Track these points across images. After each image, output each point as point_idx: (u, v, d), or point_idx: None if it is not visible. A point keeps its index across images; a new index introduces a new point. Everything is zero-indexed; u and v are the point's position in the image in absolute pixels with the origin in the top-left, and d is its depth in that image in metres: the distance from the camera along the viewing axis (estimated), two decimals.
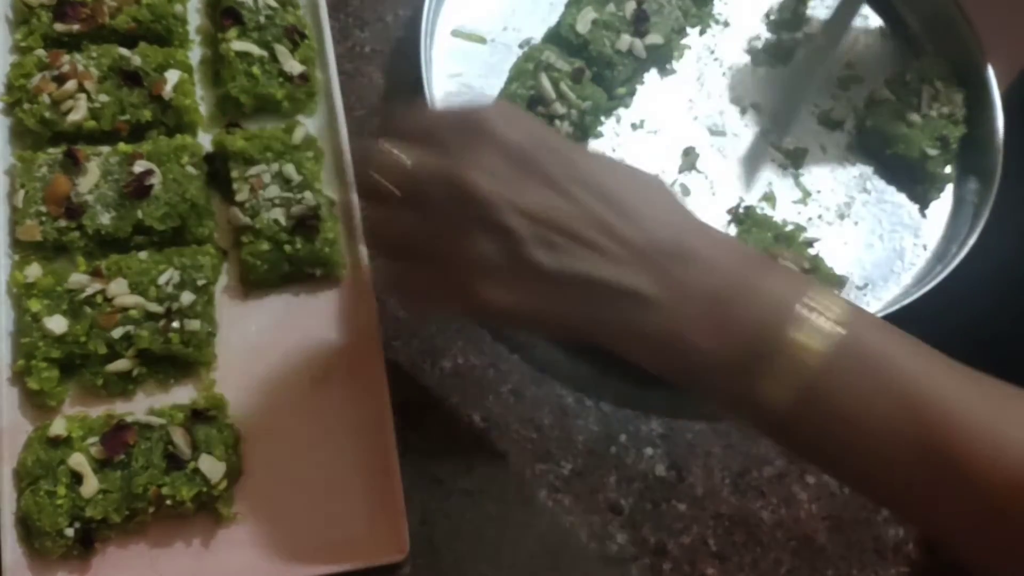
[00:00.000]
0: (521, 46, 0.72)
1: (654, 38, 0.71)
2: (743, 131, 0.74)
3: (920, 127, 0.72)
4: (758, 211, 0.70)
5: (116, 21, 0.64)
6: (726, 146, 0.73)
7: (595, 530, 0.58)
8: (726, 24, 0.78)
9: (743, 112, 0.74)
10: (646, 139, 0.72)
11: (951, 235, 0.72)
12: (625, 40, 0.70)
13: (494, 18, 0.73)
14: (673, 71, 0.75)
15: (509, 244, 0.44)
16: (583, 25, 0.69)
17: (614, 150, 0.71)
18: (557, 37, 0.71)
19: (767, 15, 0.79)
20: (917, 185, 0.73)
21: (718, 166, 0.72)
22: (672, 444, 0.61)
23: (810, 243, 0.69)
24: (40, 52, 0.62)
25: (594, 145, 0.70)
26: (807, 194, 0.72)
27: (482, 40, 0.72)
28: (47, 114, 0.60)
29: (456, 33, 0.72)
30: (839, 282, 0.68)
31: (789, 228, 0.69)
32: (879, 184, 0.74)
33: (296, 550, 0.54)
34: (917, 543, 0.61)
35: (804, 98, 0.76)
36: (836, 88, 0.77)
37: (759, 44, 0.77)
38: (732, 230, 0.69)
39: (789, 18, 0.78)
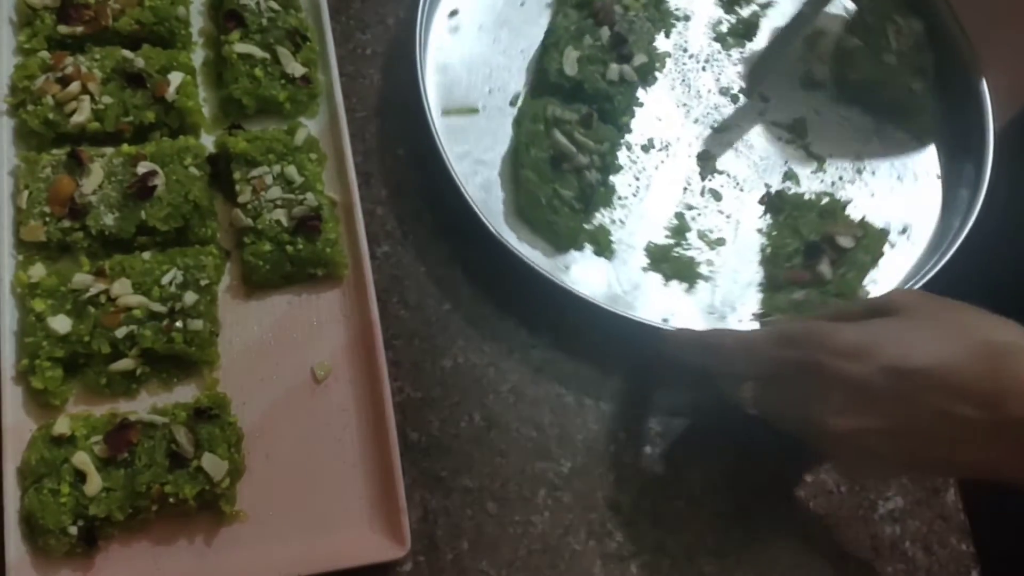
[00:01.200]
0: (512, 103, 0.72)
1: (640, 58, 0.72)
2: (743, 119, 0.75)
3: (897, 66, 0.74)
4: (788, 192, 0.72)
5: (119, 23, 0.64)
6: (733, 139, 0.74)
7: (594, 528, 0.59)
8: (687, 18, 0.78)
9: (734, 100, 0.75)
10: (661, 157, 0.73)
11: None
12: (614, 69, 0.70)
13: (477, 85, 0.73)
14: (655, 79, 0.75)
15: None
16: (570, 67, 0.69)
17: (637, 178, 0.71)
18: (549, 86, 0.70)
19: None
20: (911, 121, 0.76)
21: (735, 161, 0.73)
22: (671, 442, 0.62)
23: (843, 206, 0.71)
24: (44, 54, 0.63)
25: (617, 180, 0.70)
26: (821, 161, 0.74)
27: (474, 110, 0.71)
28: (51, 115, 0.60)
29: (447, 112, 0.71)
30: (883, 235, 0.70)
31: (825, 201, 0.71)
32: (879, 129, 0.76)
33: (298, 547, 0.54)
34: (914, 541, 0.61)
35: (782, 68, 0.77)
36: (804, 48, 0.78)
37: (723, 28, 0.79)
38: (767, 220, 0.71)
39: None
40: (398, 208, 0.67)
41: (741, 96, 0.76)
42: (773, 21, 0.79)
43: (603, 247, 0.68)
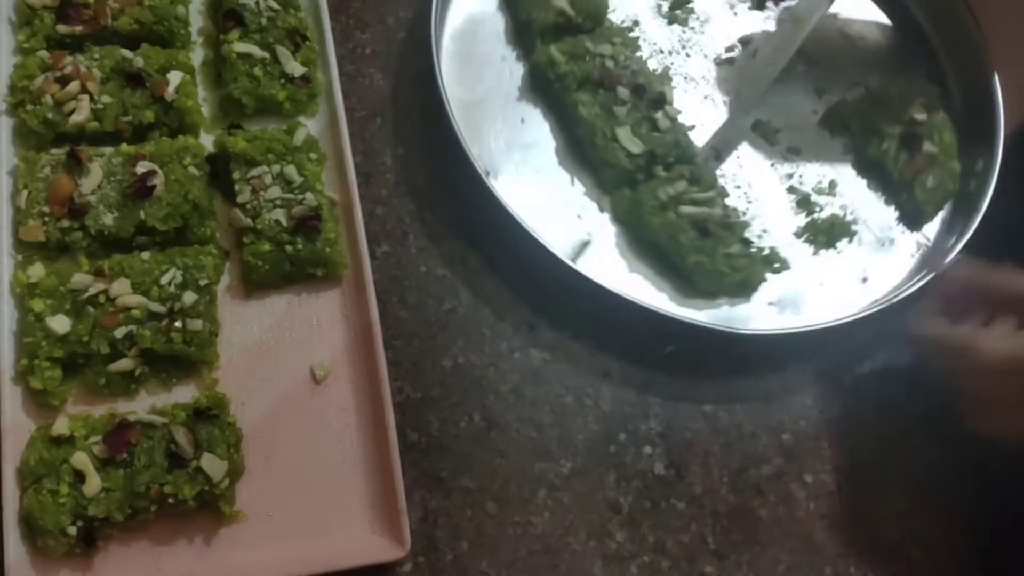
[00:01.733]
0: (602, 210, 0.68)
1: (666, 89, 0.71)
2: (754, 75, 0.76)
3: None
4: (835, 105, 0.75)
5: (118, 23, 0.64)
6: (760, 94, 0.75)
7: (594, 528, 0.59)
8: (636, 23, 0.78)
9: (730, 63, 0.77)
10: (734, 155, 0.73)
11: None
12: (661, 118, 0.69)
13: (571, 222, 0.68)
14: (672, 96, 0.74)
15: None
16: (633, 144, 0.67)
17: (738, 187, 0.72)
18: (627, 175, 0.68)
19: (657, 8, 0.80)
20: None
21: (777, 112, 0.75)
22: (671, 443, 0.62)
23: (885, 88, 0.76)
24: (43, 53, 0.63)
25: (731, 203, 0.69)
26: (832, 66, 0.79)
27: (588, 242, 0.67)
28: (50, 115, 0.60)
29: (574, 259, 0.66)
30: (928, 87, 0.75)
31: (867, 92, 0.76)
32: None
33: (297, 547, 0.54)
34: (914, 541, 0.61)
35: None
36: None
37: (665, 7, 0.79)
38: (843, 139, 0.74)
39: None
40: (398, 208, 0.67)
41: (734, 54, 0.77)
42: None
43: (781, 263, 0.68)
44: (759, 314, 0.66)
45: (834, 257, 0.70)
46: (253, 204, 0.60)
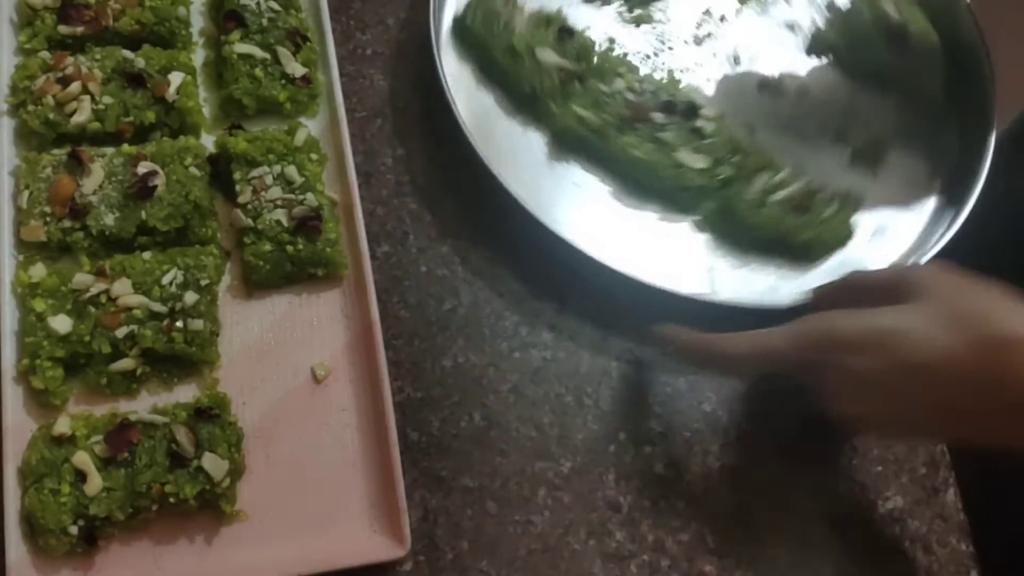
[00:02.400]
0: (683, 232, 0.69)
1: (696, 95, 0.71)
2: (742, 29, 0.79)
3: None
4: (814, 33, 0.78)
5: (120, 23, 0.64)
6: (751, 53, 0.78)
7: (594, 527, 0.59)
8: (612, 40, 0.77)
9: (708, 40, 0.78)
10: (763, 131, 0.74)
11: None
12: (705, 123, 0.69)
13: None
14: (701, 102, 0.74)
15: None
16: (699, 160, 0.68)
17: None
18: (706, 187, 0.68)
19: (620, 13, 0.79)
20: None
21: (772, 55, 0.78)
22: (670, 442, 0.62)
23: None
24: (44, 54, 0.63)
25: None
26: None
27: (710, 267, 0.69)
28: (51, 116, 0.61)
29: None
30: None
31: (836, 7, 0.77)
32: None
33: (298, 547, 0.54)
34: (914, 541, 0.62)
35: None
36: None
37: (634, 9, 0.79)
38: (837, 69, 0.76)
39: None
40: (398, 208, 0.67)
41: (708, 28, 0.78)
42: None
43: (857, 201, 0.70)
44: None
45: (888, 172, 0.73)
46: (254, 204, 0.60)
